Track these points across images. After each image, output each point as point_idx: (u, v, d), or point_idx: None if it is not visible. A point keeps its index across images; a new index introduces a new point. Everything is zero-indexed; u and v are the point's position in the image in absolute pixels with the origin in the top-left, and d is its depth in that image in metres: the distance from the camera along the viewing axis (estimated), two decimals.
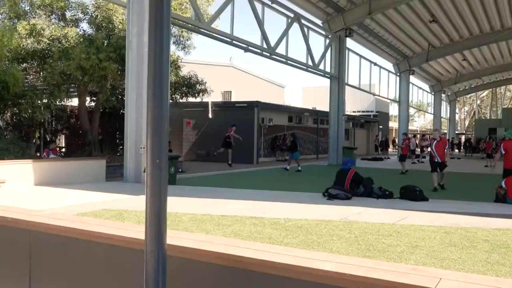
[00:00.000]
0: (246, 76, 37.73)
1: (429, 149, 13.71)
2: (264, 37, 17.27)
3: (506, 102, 57.32)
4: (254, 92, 32.99)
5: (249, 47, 16.77)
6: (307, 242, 5.05)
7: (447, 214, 7.52)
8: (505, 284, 1.87)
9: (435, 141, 12.26)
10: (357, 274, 1.97)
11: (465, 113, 70.18)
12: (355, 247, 4.85)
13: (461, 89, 47.42)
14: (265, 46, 17.39)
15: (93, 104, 18.39)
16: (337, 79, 22.09)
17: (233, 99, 30.49)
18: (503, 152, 10.88)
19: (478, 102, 63.67)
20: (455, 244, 4.97)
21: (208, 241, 2.39)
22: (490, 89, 53.55)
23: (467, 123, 68.52)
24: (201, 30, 14.85)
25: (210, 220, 6.44)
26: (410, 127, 39.58)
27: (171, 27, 16.13)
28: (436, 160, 12.09)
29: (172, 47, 18.06)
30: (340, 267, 2.03)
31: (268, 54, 17.81)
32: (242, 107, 22.61)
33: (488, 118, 56.92)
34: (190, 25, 14.86)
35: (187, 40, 18.05)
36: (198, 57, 29.24)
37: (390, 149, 35.67)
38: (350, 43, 23.86)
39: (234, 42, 16.06)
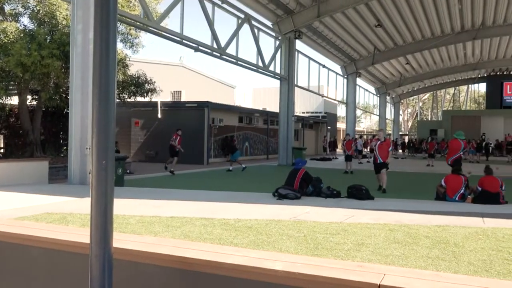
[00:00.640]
0: (196, 76, 37.45)
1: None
2: (215, 37, 17.20)
3: (445, 105, 60.24)
4: (204, 92, 32.81)
5: (200, 47, 16.66)
6: (257, 242, 5.08)
7: (391, 212, 7.79)
8: (444, 278, 1.96)
9: (379, 142, 11.91)
10: (306, 273, 2.00)
11: (409, 115, 73.18)
12: (304, 246, 4.92)
13: (404, 92, 49.41)
14: (215, 46, 17.33)
15: (35, 102, 17.58)
16: (287, 80, 22.39)
17: (183, 99, 30.20)
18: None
19: (420, 104, 66.57)
20: (399, 241, 5.16)
21: (157, 243, 2.35)
22: (431, 92, 56.11)
23: (410, 124, 71.45)
24: (150, 28, 14.57)
25: (159, 222, 6.33)
26: (357, 128, 40.75)
27: (118, 24, 15.73)
28: (378, 162, 11.82)
29: (120, 45, 17.61)
30: (289, 266, 2.06)
31: (219, 55, 17.76)
32: (192, 107, 22.42)
33: (429, 119, 59.57)
34: (138, 23, 14.54)
35: (135, 38, 17.64)
36: (147, 56, 28.70)
37: (339, 149, 36.55)
38: (299, 45, 24.27)
39: (184, 41, 15.88)
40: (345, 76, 32.66)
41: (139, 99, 19.12)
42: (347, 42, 28.16)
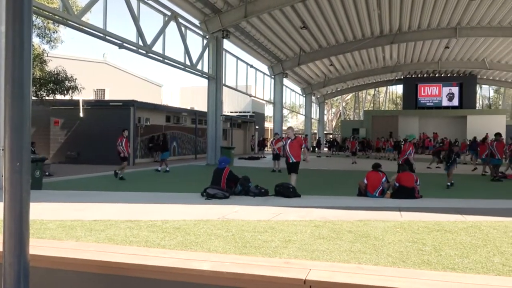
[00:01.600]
0: (121, 74, 36.27)
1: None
2: (140, 34, 16.74)
3: (366, 105, 63.21)
4: (130, 91, 31.89)
5: (124, 44, 16.10)
6: (185, 243, 5.02)
7: (317, 209, 8.04)
8: (365, 270, 2.06)
9: (289, 140, 11.16)
10: (233, 271, 2.01)
11: (333, 115, 76.02)
12: (233, 245, 4.94)
13: (329, 92, 51.23)
14: (141, 43, 16.87)
15: None
16: (215, 80, 22.34)
17: (107, 98, 29.16)
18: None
19: (344, 104, 69.33)
20: (324, 237, 5.34)
21: (78, 248, 2.24)
22: (354, 93, 58.65)
23: (334, 123, 74.25)
24: (70, 22, 13.83)
25: (81, 226, 6.05)
26: (284, 128, 41.63)
27: (34, 18, 14.82)
28: (290, 161, 11.10)
29: (36, 40, 16.61)
30: (217, 266, 2.06)
31: (145, 52, 17.30)
32: (117, 106, 21.68)
33: (352, 119, 62.23)
34: (57, 17, 13.75)
35: (54, 32, 16.72)
36: (68, 52, 27.32)
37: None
38: (227, 44, 24.32)
39: (107, 37, 15.28)
40: (272, 76, 33.22)
41: (59, 97, 18.15)
42: (274, 43, 28.66)
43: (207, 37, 21.96)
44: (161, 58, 18.57)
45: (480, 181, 15.48)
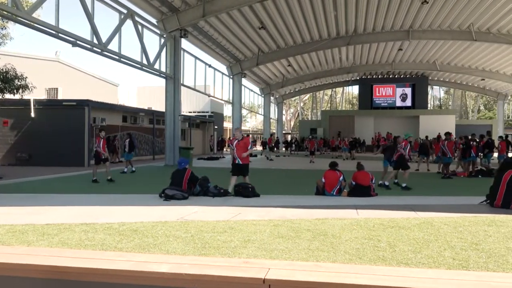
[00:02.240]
0: (75, 72, 35.19)
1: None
2: (95, 31, 16.29)
3: (324, 105, 64.29)
4: (84, 90, 31.02)
5: (78, 42, 15.61)
6: (142, 246, 4.92)
7: (276, 208, 8.10)
8: (323, 267, 2.09)
9: (236, 141, 10.80)
10: (192, 273, 1.98)
11: (291, 115, 76.86)
12: (192, 246, 4.89)
13: (287, 93, 51.74)
14: (96, 41, 16.43)
15: None
16: (173, 79, 22.07)
17: (60, 97, 28.23)
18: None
19: (302, 104, 70.23)
20: (283, 236, 5.38)
21: (28, 253, 2.15)
22: (311, 93, 59.51)
23: (292, 123, 75.07)
24: (19, 19, 13.27)
25: (33, 230, 5.82)
26: (243, 127, 41.68)
27: None
28: (237, 162, 10.73)
29: None
30: (176, 268, 2.03)
31: (100, 50, 16.85)
32: (71, 105, 20.98)
33: (310, 119, 63.12)
34: (5, 12, 13.16)
35: (2, 29, 16.02)
36: (18, 49, 26.26)
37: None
38: (185, 44, 24.10)
39: (60, 35, 14.76)
40: (231, 76, 33.20)
41: (9, 96, 17.40)
42: (232, 43, 28.64)
43: (164, 36, 21.66)
44: (117, 57, 18.14)
45: (432, 179, 16.07)
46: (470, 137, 18.48)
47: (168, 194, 9.56)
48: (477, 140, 18.61)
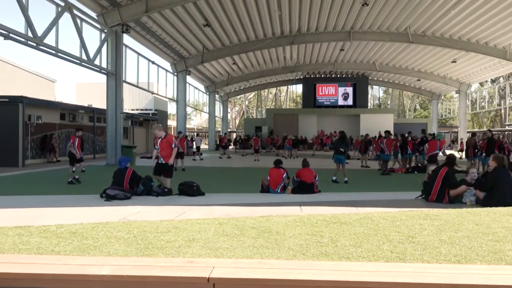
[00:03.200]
0: (7, 67, 33.31)
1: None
2: (29, 24, 15.45)
3: (269, 104, 64.98)
4: (17, 86, 29.47)
5: (11, 35, 14.74)
6: (82, 248, 4.74)
7: (221, 206, 8.09)
8: (267, 264, 2.11)
9: (160, 140, 10.40)
10: (135, 274, 1.94)
11: (236, 113, 77.02)
12: (134, 246, 4.78)
13: (232, 91, 51.76)
14: (30, 35, 15.61)
15: None
16: (114, 76, 21.41)
17: None
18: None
19: (247, 103, 70.61)
20: (227, 234, 5.38)
21: None
22: (256, 91, 59.93)
23: (237, 121, 75.26)
24: None
25: None
26: (187, 126, 41.25)
27: None
28: (159, 162, 10.35)
29: None
30: (117, 270, 1.97)
31: (35, 44, 16.02)
32: (3, 102, 19.81)
33: (255, 117, 63.57)
34: None
35: None
36: None
37: None
38: (128, 39, 23.45)
39: None
40: (175, 74, 32.74)
41: None
42: (176, 39, 28.25)
43: (105, 31, 20.95)
44: (54, 52, 17.33)
45: (372, 176, 16.69)
46: (406, 135, 19.36)
47: (110, 194, 9.29)
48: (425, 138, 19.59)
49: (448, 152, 14.49)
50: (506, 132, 46.05)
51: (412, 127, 37.72)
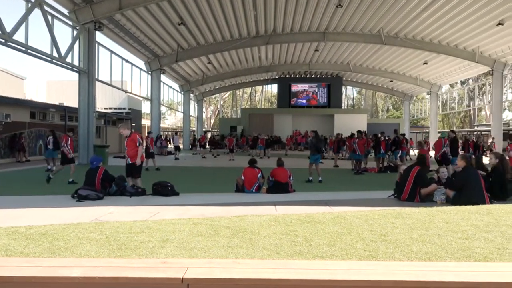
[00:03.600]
0: None
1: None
2: None
3: (244, 103, 64.96)
4: None
5: None
6: (52, 250, 4.64)
7: (195, 206, 8.04)
8: (242, 264, 2.11)
9: (126, 139, 10.30)
10: (107, 276, 1.92)
11: (211, 112, 76.72)
12: (107, 248, 4.70)
13: (207, 90, 51.53)
14: None
15: None
16: (87, 74, 20.99)
17: None
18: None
19: (222, 102, 70.39)
20: (202, 234, 5.35)
21: None
22: (231, 91, 59.83)
23: (212, 121, 74.98)
24: None
25: None
26: (162, 125, 40.89)
27: None
28: (127, 162, 10.23)
29: None
30: (89, 271, 1.95)
31: (3, 41, 15.58)
32: None
33: (230, 117, 63.46)
34: None
35: None
36: None
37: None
38: (101, 37, 23.06)
39: None
40: (149, 72, 32.34)
41: None
42: (151, 38, 27.93)
43: (77, 28, 20.54)
44: (23, 49, 16.89)
45: (345, 175, 16.88)
46: (379, 135, 19.68)
47: (82, 195, 9.12)
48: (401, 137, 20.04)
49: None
50: (475, 133, 47.34)
51: (385, 127, 38.36)
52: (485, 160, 17.90)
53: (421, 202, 8.71)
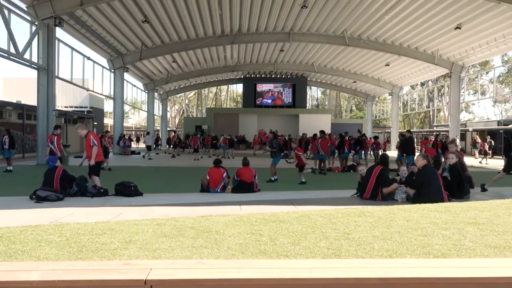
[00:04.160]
0: None
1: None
2: None
3: (209, 103, 64.63)
4: None
5: None
6: (9, 253, 4.47)
7: (159, 206, 7.95)
8: (206, 264, 2.10)
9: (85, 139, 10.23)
10: (67, 279, 1.87)
11: (176, 111, 75.96)
12: (67, 250, 4.58)
13: (172, 89, 50.99)
14: None
15: None
16: (46, 71, 20.34)
17: None
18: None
19: (187, 101, 69.83)
20: (166, 234, 5.29)
21: None
22: (196, 90, 59.42)
23: (177, 120, 74.25)
24: None
25: None
26: (125, 124, 40.16)
27: None
28: (88, 163, 10.15)
29: None
30: (48, 275, 1.89)
31: None
32: None
33: (195, 116, 63.01)
34: None
35: None
36: None
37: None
38: (61, 33, 22.40)
39: None
40: (112, 70, 31.70)
41: None
42: (114, 35, 27.37)
43: (36, 23, 19.88)
44: None
45: (310, 175, 17.06)
46: (344, 134, 20.02)
47: (40, 196, 8.83)
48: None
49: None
50: (434, 133, 48.82)
51: (349, 127, 39.06)
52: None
53: (382, 201, 8.92)
